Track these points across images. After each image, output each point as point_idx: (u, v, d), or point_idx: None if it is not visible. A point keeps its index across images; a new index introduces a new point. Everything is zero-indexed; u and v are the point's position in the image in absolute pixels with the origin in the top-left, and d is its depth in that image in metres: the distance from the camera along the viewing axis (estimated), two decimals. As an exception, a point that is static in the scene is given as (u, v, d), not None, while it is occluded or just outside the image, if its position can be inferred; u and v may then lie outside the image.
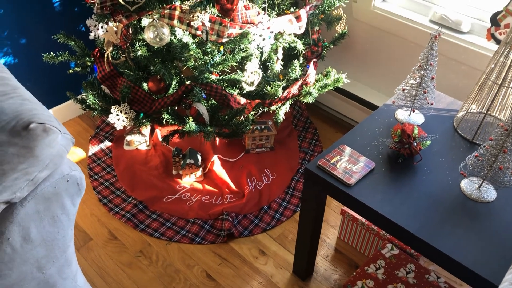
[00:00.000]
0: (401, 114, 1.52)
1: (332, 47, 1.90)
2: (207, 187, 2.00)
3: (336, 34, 1.93)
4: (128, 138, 2.14)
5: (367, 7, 1.98)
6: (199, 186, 2.00)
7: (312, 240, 1.54)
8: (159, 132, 2.18)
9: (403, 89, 1.45)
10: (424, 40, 1.86)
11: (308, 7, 1.69)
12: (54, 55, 1.83)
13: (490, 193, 1.26)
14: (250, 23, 1.56)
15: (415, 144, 1.34)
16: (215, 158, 2.04)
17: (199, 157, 2.02)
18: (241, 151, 2.14)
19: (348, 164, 1.34)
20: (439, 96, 1.62)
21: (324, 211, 1.58)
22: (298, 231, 1.54)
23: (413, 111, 1.52)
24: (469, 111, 1.48)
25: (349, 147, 1.39)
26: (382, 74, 2.12)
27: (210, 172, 2.04)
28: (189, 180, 2.01)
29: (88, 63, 1.82)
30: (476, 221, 1.19)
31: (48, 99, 2.21)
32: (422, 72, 1.40)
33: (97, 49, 1.82)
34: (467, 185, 1.29)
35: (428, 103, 1.44)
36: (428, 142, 1.36)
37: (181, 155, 2.02)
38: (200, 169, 2.01)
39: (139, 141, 2.15)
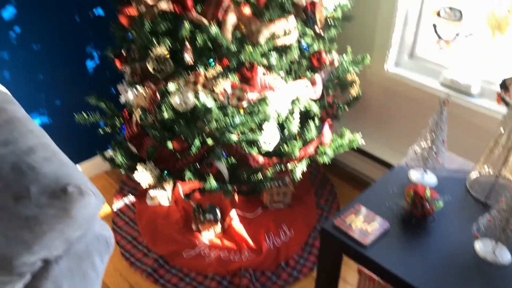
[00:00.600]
0: (414, 175, 1.58)
1: (347, 109, 1.99)
2: (226, 242, 2.04)
3: (351, 97, 2.02)
4: (151, 193, 2.22)
5: (380, 71, 2.08)
6: (218, 241, 2.05)
7: (329, 299, 1.56)
8: (181, 188, 2.26)
9: (415, 151, 1.52)
10: (435, 102, 1.93)
11: (323, 73, 1.80)
12: (86, 116, 1.97)
13: (505, 255, 1.28)
14: (269, 88, 1.67)
15: (428, 205, 1.38)
16: (233, 214, 2.10)
17: (218, 212, 2.08)
18: (259, 206, 2.20)
19: (364, 224, 1.39)
20: (451, 157, 1.67)
21: (341, 269, 1.60)
22: (315, 290, 1.56)
23: (426, 172, 1.58)
24: (481, 173, 1.52)
25: (364, 207, 1.44)
26: (396, 133, 2.19)
27: (229, 228, 2.09)
28: (209, 235, 2.07)
29: (117, 124, 1.94)
30: (491, 284, 1.21)
31: (76, 155, 2.34)
32: (433, 136, 1.47)
33: (126, 111, 1.95)
34: (481, 247, 1.31)
35: (440, 164, 1.49)
36: (441, 204, 1.40)
37: (201, 210, 2.09)
38: (219, 224, 2.07)
39: (162, 196, 2.23)
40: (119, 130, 2.02)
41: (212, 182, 1.63)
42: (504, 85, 1.77)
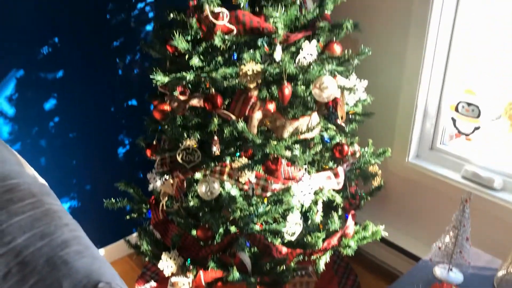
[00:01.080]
0: (439, 271, 1.55)
1: (369, 198, 2.01)
2: (247, 334, 1.99)
3: (373, 187, 2.05)
4: (173, 279, 2.21)
5: (401, 162, 2.13)
6: (239, 333, 2.00)
7: None
8: (202, 275, 2.25)
9: (439, 247, 1.51)
10: (458, 195, 1.94)
11: (345, 165, 1.85)
12: (114, 201, 2.03)
13: None
14: (292, 179, 1.72)
15: (455, 305, 1.35)
16: (255, 304, 2.06)
17: (239, 302, 2.05)
18: (281, 297, 2.16)
19: (389, 323, 1.36)
20: (477, 253, 1.65)
21: None
22: None
23: (451, 269, 1.55)
24: (509, 271, 1.49)
25: (389, 305, 1.42)
26: (419, 223, 2.18)
27: (250, 318, 2.05)
28: (229, 326, 2.02)
29: (144, 210, 1.99)
30: None
31: (102, 238, 2.38)
32: (456, 233, 1.47)
33: (153, 197, 2.01)
34: None
35: (465, 261, 1.48)
36: (468, 304, 1.37)
37: (222, 300, 2.06)
38: (240, 315, 2.03)
39: (183, 283, 2.22)
40: (145, 215, 2.07)
41: (235, 274, 1.63)
42: (527, 180, 1.79)
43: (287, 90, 1.55)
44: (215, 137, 1.69)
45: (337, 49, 1.63)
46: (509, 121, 1.99)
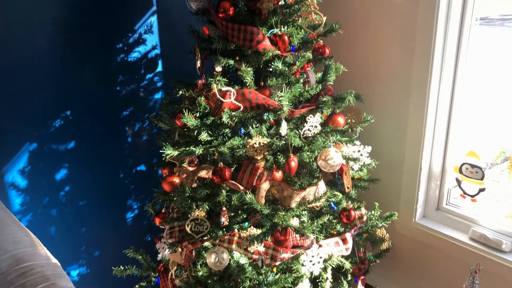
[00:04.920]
0: None
1: (378, 261, 2.01)
2: None
3: (381, 249, 2.05)
4: None
5: (409, 222, 2.13)
6: None
7: None
8: None
9: (452, 318, 1.50)
10: (466, 256, 1.94)
11: (353, 230, 1.86)
12: (122, 268, 2.03)
13: None
14: (300, 246, 1.73)
15: None
16: None
17: None
18: None
19: None
20: (490, 321, 1.63)
21: None
22: None
23: None
24: None
25: None
26: (429, 284, 2.16)
27: None
28: None
29: (153, 278, 1.99)
30: None
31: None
32: (469, 303, 1.46)
33: (161, 265, 2.01)
34: None
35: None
36: None
37: None
38: None
39: None
40: (153, 283, 2.07)
41: None
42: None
43: (293, 163, 1.59)
44: (224, 208, 1.71)
45: (340, 121, 1.68)
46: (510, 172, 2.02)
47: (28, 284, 1.25)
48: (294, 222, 1.66)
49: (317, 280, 1.86)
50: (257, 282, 1.76)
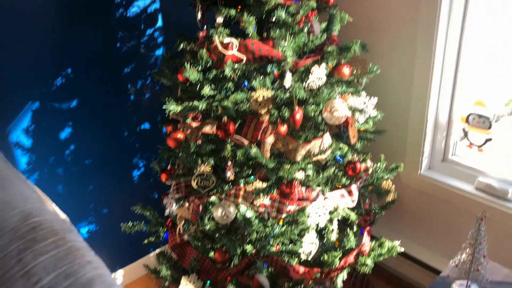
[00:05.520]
0: (458, 288, 1.56)
1: (383, 213, 2.02)
2: None
3: (386, 201, 2.06)
4: (191, 299, 2.24)
5: (414, 174, 2.13)
6: None
7: None
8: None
9: (456, 265, 1.52)
10: (472, 206, 1.95)
11: (358, 182, 1.86)
12: (131, 225, 2.07)
13: None
14: (306, 199, 1.73)
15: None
16: (274, 321, 2.08)
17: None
18: (300, 312, 2.17)
19: None
20: (495, 267, 1.65)
21: None
22: None
23: (469, 286, 1.56)
24: (527, 286, 1.50)
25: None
26: (435, 235, 2.19)
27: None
28: None
29: (161, 233, 2.02)
30: None
31: (119, 260, 2.42)
32: (473, 250, 1.48)
33: (169, 220, 2.04)
34: None
35: (483, 278, 1.48)
36: (488, 323, 1.38)
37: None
38: (260, 333, 2.04)
39: (201, 302, 2.24)
40: (162, 238, 2.10)
41: (255, 297, 1.65)
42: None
43: (298, 115, 1.57)
44: (229, 163, 1.71)
45: (346, 71, 1.65)
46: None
47: (38, 238, 1.27)
48: (300, 175, 1.66)
49: (323, 232, 1.89)
50: (263, 234, 1.78)
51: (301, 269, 1.79)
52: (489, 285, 1.58)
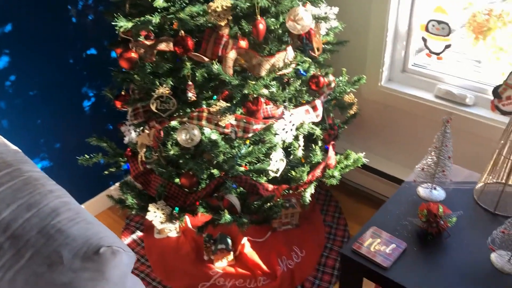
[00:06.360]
0: (423, 191, 1.61)
1: (346, 127, 2.03)
2: (240, 270, 2.05)
3: (348, 115, 2.05)
4: (159, 226, 2.21)
5: (374, 86, 2.13)
6: (232, 270, 2.05)
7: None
8: (188, 219, 2.26)
9: (422, 169, 1.56)
10: (432, 114, 1.98)
11: (322, 97, 1.83)
12: (88, 157, 1.96)
13: (521, 265, 1.32)
14: (272, 117, 1.69)
15: (442, 222, 1.42)
16: (245, 241, 2.11)
17: (229, 241, 2.09)
18: (268, 230, 2.21)
19: (381, 246, 1.41)
20: (456, 169, 1.71)
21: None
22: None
23: (434, 188, 1.61)
24: (487, 183, 1.57)
25: (379, 229, 1.47)
26: (397, 146, 2.23)
27: (241, 254, 2.10)
28: (221, 265, 2.07)
29: (122, 163, 1.94)
30: (512, 295, 1.25)
31: (79, 195, 2.32)
32: (438, 153, 1.51)
33: (129, 149, 1.95)
34: (497, 259, 1.35)
35: (447, 179, 1.53)
36: (454, 219, 1.44)
37: (212, 241, 2.10)
38: (231, 253, 2.07)
39: (169, 229, 2.23)
40: (122, 169, 2.02)
41: (227, 216, 1.64)
42: (496, 93, 1.83)
43: (261, 25, 1.48)
44: (189, 82, 1.62)
45: (307, -23, 1.55)
46: (472, 34, 2.00)
47: (-11, 172, 1.16)
48: (265, 91, 1.60)
49: (289, 149, 1.87)
50: (230, 155, 1.74)
51: (270, 186, 1.78)
52: (452, 186, 1.63)
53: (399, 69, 2.11)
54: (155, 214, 1.74)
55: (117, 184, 2.45)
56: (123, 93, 1.84)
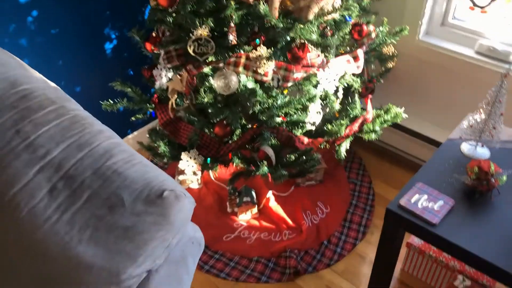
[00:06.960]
0: (467, 149, 1.56)
1: (382, 81, 1.95)
2: (264, 223, 2.02)
3: (383, 68, 1.97)
4: (180, 177, 2.16)
5: (412, 40, 2.03)
6: (256, 223, 2.02)
7: (387, 278, 1.57)
8: (211, 172, 2.21)
9: (471, 125, 1.50)
10: (472, 71, 1.91)
11: (364, 47, 1.74)
12: (112, 102, 1.87)
13: None
14: (312, 66, 1.60)
15: (493, 180, 1.38)
16: (270, 194, 2.07)
17: (254, 194, 2.05)
18: (291, 185, 2.17)
19: (429, 202, 1.38)
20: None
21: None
22: (373, 270, 1.56)
23: (479, 145, 1.57)
24: (535, 142, 1.52)
25: (426, 185, 1.43)
26: (432, 105, 2.16)
27: (265, 208, 2.07)
28: (246, 218, 2.04)
29: (150, 109, 1.86)
30: None
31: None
32: (490, 109, 1.45)
33: (156, 96, 1.86)
34: (549, 218, 1.32)
35: (496, 137, 1.48)
36: (505, 178, 1.40)
37: (237, 193, 2.05)
38: (256, 206, 2.04)
39: (191, 180, 2.17)
40: (149, 116, 1.94)
41: (265, 168, 1.58)
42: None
43: (316, -37, 1.37)
44: (232, 24, 1.51)
45: None
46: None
47: (34, 107, 1.07)
48: (314, 36, 1.51)
49: (325, 102, 1.80)
50: (266, 106, 1.66)
51: (306, 139, 1.72)
52: (498, 145, 1.59)
53: (438, 22, 2.02)
54: (187, 163, 1.68)
55: (135, 132, 2.37)
56: (154, 34, 1.73)
